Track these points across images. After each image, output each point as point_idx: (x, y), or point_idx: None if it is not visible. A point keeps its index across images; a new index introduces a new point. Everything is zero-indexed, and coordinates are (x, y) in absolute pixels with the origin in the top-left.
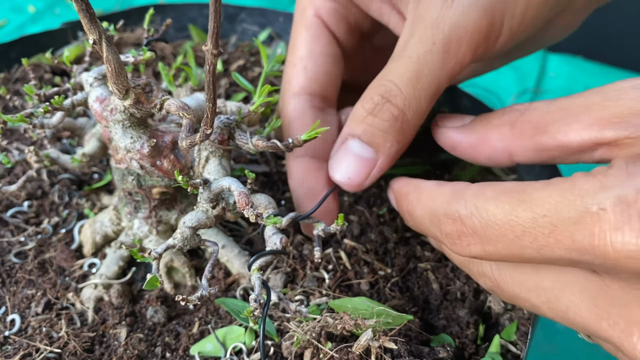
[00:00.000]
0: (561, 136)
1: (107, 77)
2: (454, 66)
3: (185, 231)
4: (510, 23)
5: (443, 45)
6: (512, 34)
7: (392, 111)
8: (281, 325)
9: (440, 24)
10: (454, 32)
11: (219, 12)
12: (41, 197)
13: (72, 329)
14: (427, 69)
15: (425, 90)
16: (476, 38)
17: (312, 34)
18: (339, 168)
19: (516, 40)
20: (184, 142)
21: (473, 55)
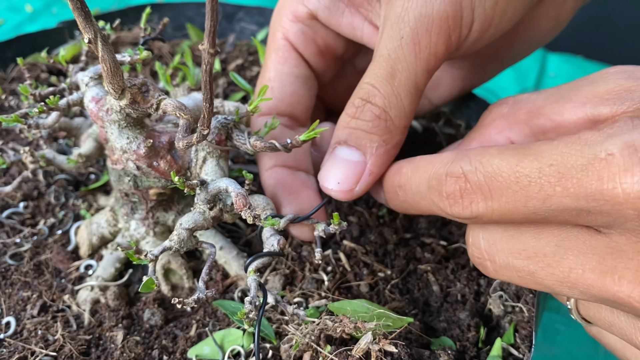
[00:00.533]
0: (556, 116)
1: (103, 77)
2: (428, 58)
3: (182, 233)
4: (482, 7)
5: (411, 37)
6: (486, 19)
7: (373, 111)
8: (280, 327)
9: (404, 16)
10: (420, 23)
11: (216, 11)
12: (37, 198)
13: (68, 332)
14: (400, 64)
15: (403, 86)
16: (445, 26)
17: (280, 56)
18: (328, 176)
19: (497, 29)
20: (181, 143)
21: (446, 44)
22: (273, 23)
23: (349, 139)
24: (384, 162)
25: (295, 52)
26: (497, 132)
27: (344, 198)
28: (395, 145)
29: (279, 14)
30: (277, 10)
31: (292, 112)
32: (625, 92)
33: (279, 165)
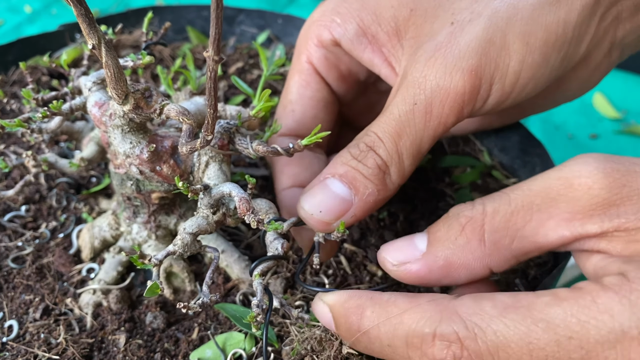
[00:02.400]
0: (541, 239)
1: (107, 82)
2: (436, 127)
3: (186, 237)
4: (501, 83)
5: (424, 106)
6: (504, 94)
7: (375, 160)
8: (281, 331)
9: (422, 84)
10: (435, 94)
11: (220, 19)
12: (39, 201)
13: (71, 335)
14: (408, 128)
15: (407, 148)
16: (460, 100)
17: (303, 79)
18: (313, 201)
19: (515, 101)
20: (185, 148)
21: (457, 116)
22: (299, 45)
23: (345, 176)
24: (368, 209)
25: (318, 76)
26: (475, 259)
27: (319, 228)
28: (385, 199)
29: (305, 37)
30: (304, 33)
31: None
32: (610, 206)
33: (296, 185)
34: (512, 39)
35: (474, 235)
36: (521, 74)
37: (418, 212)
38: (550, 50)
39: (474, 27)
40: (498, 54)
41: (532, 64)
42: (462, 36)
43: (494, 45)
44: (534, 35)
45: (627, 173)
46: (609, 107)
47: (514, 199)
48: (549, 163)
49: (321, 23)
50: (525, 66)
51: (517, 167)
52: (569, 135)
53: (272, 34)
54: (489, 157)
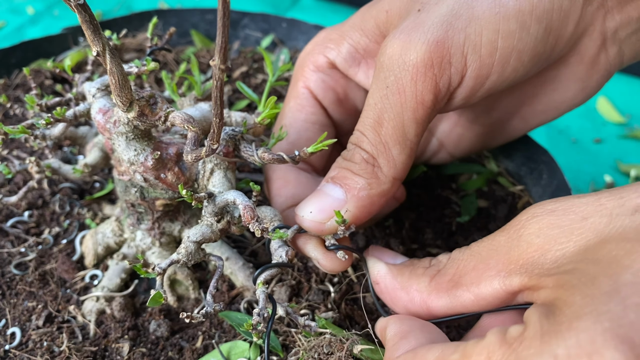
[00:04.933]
0: (474, 288)
1: (111, 89)
2: (415, 107)
3: (190, 246)
4: (476, 54)
5: (396, 87)
6: (483, 65)
7: (361, 154)
8: (286, 340)
9: (389, 64)
10: (404, 72)
11: (227, 27)
12: (42, 207)
13: (74, 343)
14: (386, 114)
15: (390, 135)
16: (430, 73)
17: (298, 103)
18: (305, 205)
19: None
20: (190, 156)
21: (434, 92)
22: (295, 72)
23: (336, 177)
24: (364, 205)
25: (314, 99)
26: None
27: (313, 230)
28: (380, 193)
29: (301, 64)
30: (300, 60)
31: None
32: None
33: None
34: (481, 11)
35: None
36: (498, 43)
37: (424, 220)
38: (528, 18)
39: (439, 7)
40: (466, 24)
41: (509, 32)
42: (427, 17)
43: (460, 17)
44: (504, 5)
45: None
46: (613, 111)
47: (470, 247)
48: (556, 170)
49: (315, 51)
50: (502, 35)
51: (524, 174)
52: (572, 139)
53: (277, 38)
54: (495, 163)
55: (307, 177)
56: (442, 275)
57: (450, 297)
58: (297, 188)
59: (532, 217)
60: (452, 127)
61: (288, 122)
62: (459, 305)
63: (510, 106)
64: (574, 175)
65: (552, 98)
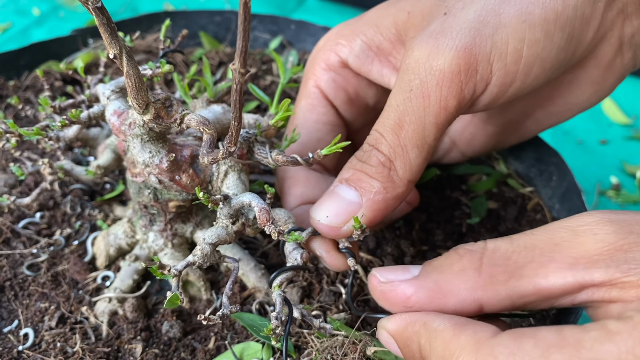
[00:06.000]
0: (540, 280)
1: (127, 92)
2: (437, 112)
3: (205, 248)
4: (502, 62)
5: (421, 90)
6: (508, 74)
7: (378, 157)
8: (299, 341)
9: (415, 68)
10: (430, 76)
11: (248, 31)
12: (53, 208)
13: (87, 344)
14: (407, 117)
15: (409, 139)
16: (457, 80)
17: (309, 103)
18: (319, 208)
19: (523, 85)
20: (206, 159)
21: (458, 98)
22: (306, 71)
23: (351, 179)
24: (379, 209)
25: (325, 99)
26: (467, 289)
27: (329, 234)
28: (395, 197)
29: (312, 63)
30: (311, 59)
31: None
32: (617, 251)
33: (304, 203)
34: (508, 18)
35: (471, 264)
36: (524, 52)
37: (434, 221)
38: (552, 27)
39: (466, 13)
40: (494, 31)
41: (534, 41)
42: (454, 21)
43: (487, 24)
44: (530, 13)
45: (633, 222)
46: (619, 112)
47: (516, 239)
48: (566, 172)
49: (327, 48)
50: (527, 43)
51: (533, 176)
52: (578, 140)
53: (285, 40)
54: (504, 165)
55: (317, 177)
56: (491, 265)
57: (509, 288)
58: (307, 187)
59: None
60: (465, 127)
61: (299, 123)
62: (518, 298)
63: (525, 108)
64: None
65: (567, 100)
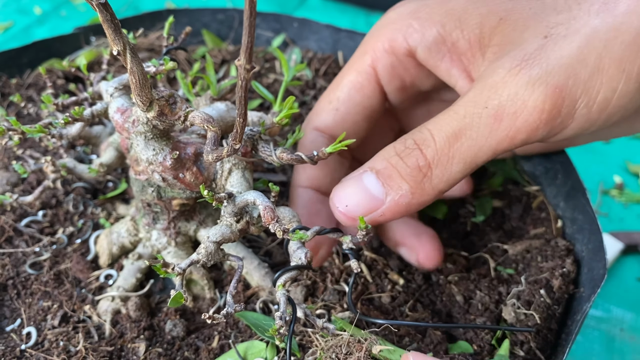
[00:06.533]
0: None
1: (131, 89)
2: (501, 139)
3: (210, 246)
4: (587, 109)
5: (496, 112)
6: (589, 120)
7: (418, 159)
8: (303, 340)
9: (499, 88)
10: (511, 102)
11: (254, 27)
12: (55, 206)
13: (90, 343)
14: (470, 131)
15: (461, 153)
16: (536, 118)
17: (359, 81)
18: (342, 195)
19: (598, 129)
20: (210, 156)
21: (528, 134)
22: (367, 42)
23: (381, 172)
24: (400, 212)
25: (377, 83)
26: None
27: (345, 222)
28: (420, 204)
29: (376, 36)
30: (376, 31)
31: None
32: None
33: (313, 187)
34: (608, 63)
35: None
36: (612, 102)
37: (438, 220)
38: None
39: (568, 44)
40: (590, 76)
41: (626, 94)
42: (553, 51)
43: (586, 66)
44: (632, 62)
45: None
46: None
47: None
48: (571, 170)
49: (397, 26)
50: (619, 94)
51: (539, 174)
52: None
53: (288, 38)
54: (512, 163)
55: (335, 160)
56: None
57: None
58: (322, 169)
59: None
60: None
61: (341, 98)
62: None
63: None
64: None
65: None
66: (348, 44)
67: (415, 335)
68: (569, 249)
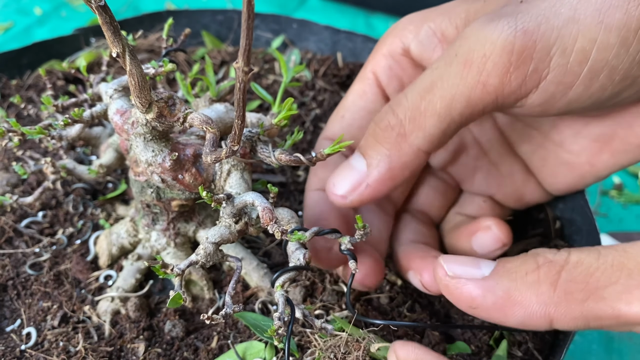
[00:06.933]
0: (623, 306)
1: (130, 90)
2: (473, 85)
3: (209, 247)
4: (564, 58)
5: (465, 57)
6: (568, 73)
7: (389, 120)
8: (302, 340)
9: (468, 34)
10: (479, 45)
11: (251, 30)
12: (55, 207)
13: (90, 343)
14: (441, 81)
15: (433, 104)
16: (505, 59)
17: (361, 88)
18: (331, 178)
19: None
20: (209, 158)
21: (500, 78)
22: (370, 56)
23: (361, 146)
24: (385, 179)
25: (378, 87)
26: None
27: (337, 202)
28: (402, 165)
29: (377, 47)
30: (378, 43)
31: (354, 145)
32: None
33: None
34: (583, 14)
35: (547, 277)
36: (592, 54)
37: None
38: (632, 35)
39: (542, 2)
40: (563, 24)
41: (607, 45)
42: (526, 7)
43: (559, 15)
44: (610, 15)
45: None
46: None
47: (604, 255)
48: None
49: (394, 34)
50: (598, 46)
51: None
52: None
53: (287, 39)
54: None
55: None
56: (570, 282)
57: (585, 309)
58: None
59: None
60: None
61: (348, 105)
62: (594, 319)
63: (600, 135)
64: None
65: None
66: (347, 45)
67: (413, 336)
68: None
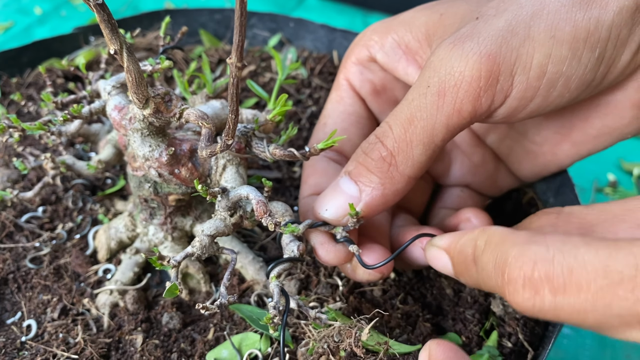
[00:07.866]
0: (610, 236)
1: (128, 87)
2: (450, 113)
3: (204, 239)
4: (524, 75)
5: (437, 89)
6: (529, 88)
7: (380, 151)
8: (296, 331)
9: (438, 66)
10: (449, 76)
11: (244, 26)
12: (55, 203)
13: (89, 335)
14: (419, 112)
15: (417, 135)
16: (475, 86)
17: (338, 95)
18: (322, 202)
19: (545, 102)
20: (204, 152)
21: (474, 104)
22: (341, 66)
23: (352, 172)
24: (377, 205)
25: (353, 91)
26: None
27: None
28: (394, 192)
29: (346, 58)
30: (346, 54)
31: (340, 148)
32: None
33: (316, 193)
34: (537, 31)
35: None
36: (548, 68)
37: None
38: (581, 46)
39: (497, 20)
40: (520, 43)
41: (560, 58)
42: (484, 27)
43: (516, 35)
44: (560, 30)
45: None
46: None
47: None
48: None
49: (361, 43)
50: (553, 60)
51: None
52: None
53: (284, 37)
54: None
55: (335, 168)
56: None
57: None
58: (323, 177)
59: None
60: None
61: (328, 113)
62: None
63: (560, 127)
64: (576, 173)
65: (605, 123)
66: (343, 44)
67: (405, 327)
68: None
